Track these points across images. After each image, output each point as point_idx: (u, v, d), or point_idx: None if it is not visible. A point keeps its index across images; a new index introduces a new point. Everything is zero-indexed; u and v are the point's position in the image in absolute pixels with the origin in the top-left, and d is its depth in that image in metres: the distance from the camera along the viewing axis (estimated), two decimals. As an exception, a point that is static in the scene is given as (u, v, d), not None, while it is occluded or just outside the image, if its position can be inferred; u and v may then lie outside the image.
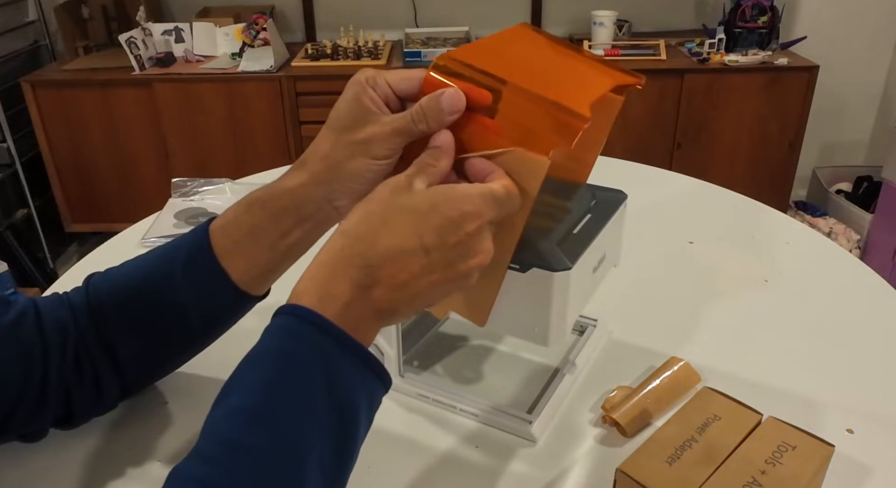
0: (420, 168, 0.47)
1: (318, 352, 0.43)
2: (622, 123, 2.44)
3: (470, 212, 0.44)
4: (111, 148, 2.52)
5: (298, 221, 0.55)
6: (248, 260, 0.57)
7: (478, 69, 0.50)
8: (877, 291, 0.85)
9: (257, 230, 0.56)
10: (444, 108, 0.48)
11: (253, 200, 0.56)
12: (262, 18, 2.45)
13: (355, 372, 0.43)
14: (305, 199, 0.54)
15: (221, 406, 0.42)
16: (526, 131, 0.47)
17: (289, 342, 0.43)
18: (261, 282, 0.59)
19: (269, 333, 0.44)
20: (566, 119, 0.46)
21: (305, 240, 0.57)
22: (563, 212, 0.61)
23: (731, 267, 0.91)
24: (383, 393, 0.46)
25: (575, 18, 2.72)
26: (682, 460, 0.51)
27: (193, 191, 1.14)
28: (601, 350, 0.75)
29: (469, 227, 0.44)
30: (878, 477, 0.59)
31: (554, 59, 0.56)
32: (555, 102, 0.47)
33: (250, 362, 0.44)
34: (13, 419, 0.56)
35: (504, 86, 0.49)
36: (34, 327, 0.57)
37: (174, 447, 0.63)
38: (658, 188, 1.14)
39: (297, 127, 2.48)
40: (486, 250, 0.46)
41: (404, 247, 0.44)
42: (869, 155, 2.85)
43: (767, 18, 2.41)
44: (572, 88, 0.50)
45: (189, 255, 0.58)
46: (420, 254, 0.44)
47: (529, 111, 0.48)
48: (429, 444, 0.63)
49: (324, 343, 0.43)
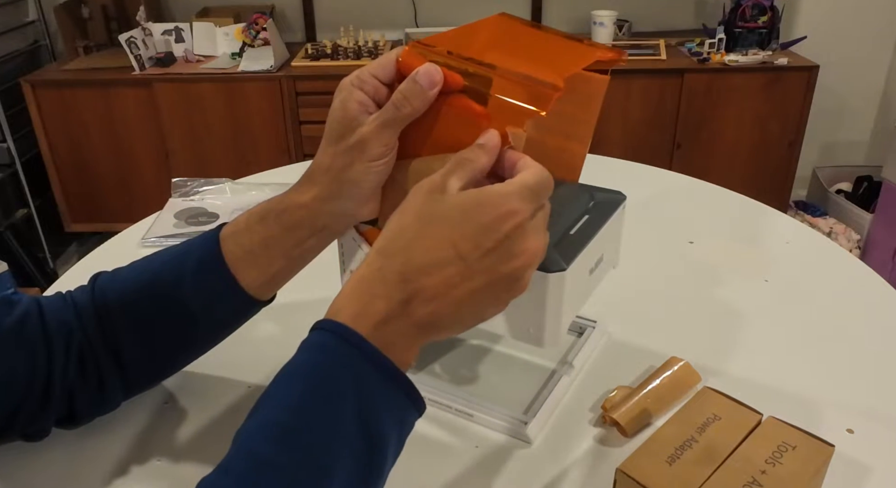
0: (458, 163, 0.45)
1: (350, 369, 0.42)
2: (622, 123, 2.45)
3: (504, 213, 0.42)
4: (111, 148, 2.52)
5: (313, 232, 0.55)
6: (260, 268, 0.57)
7: (465, 57, 0.49)
8: (877, 291, 0.85)
9: (271, 241, 0.56)
10: (423, 84, 0.48)
11: (267, 212, 0.56)
12: (262, 18, 2.45)
13: (386, 393, 0.43)
14: (319, 213, 0.54)
15: (253, 419, 0.42)
16: (510, 109, 0.47)
17: (322, 357, 0.43)
18: (270, 289, 0.60)
19: (305, 348, 0.44)
20: (540, 89, 0.46)
21: (318, 247, 0.57)
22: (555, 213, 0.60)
23: (730, 266, 0.91)
24: (416, 417, 0.45)
25: (575, 18, 2.72)
26: (682, 460, 0.51)
27: (193, 191, 1.14)
28: (601, 350, 0.75)
29: (506, 228, 0.42)
30: (878, 477, 0.58)
31: (532, 42, 0.56)
32: (528, 76, 0.47)
33: (284, 377, 0.43)
34: (17, 418, 0.56)
35: (492, 71, 0.48)
36: (38, 327, 0.57)
37: (175, 446, 0.63)
38: (658, 188, 1.14)
39: (297, 127, 2.48)
40: (530, 249, 0.44)
41: (438, 257, 0.42)
42: (869, 155, 2.85)
43: (767, 18, 2.41)
44: (550, 65, 0.50)
45: (199, 262, 0.58)
46: (456, 262, 0.42)
47: (512, 91, 0.48)
48: (426, 444, 0.63)
49: (356, 360, 0.42)
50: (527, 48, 0.55)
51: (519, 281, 0.44)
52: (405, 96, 0.48)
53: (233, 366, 0.72)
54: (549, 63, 0.51)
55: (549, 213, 0.46)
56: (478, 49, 0.51)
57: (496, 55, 0.50)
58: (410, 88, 0.48)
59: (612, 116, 2.44)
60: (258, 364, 0.72)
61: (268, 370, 0.72)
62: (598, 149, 0.69)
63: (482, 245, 0.42)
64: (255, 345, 0.74)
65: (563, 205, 0.61)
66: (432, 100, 0.49)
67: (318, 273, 0.64)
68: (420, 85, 0.48)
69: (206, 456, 0.62)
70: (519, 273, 0.44)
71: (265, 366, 0.72)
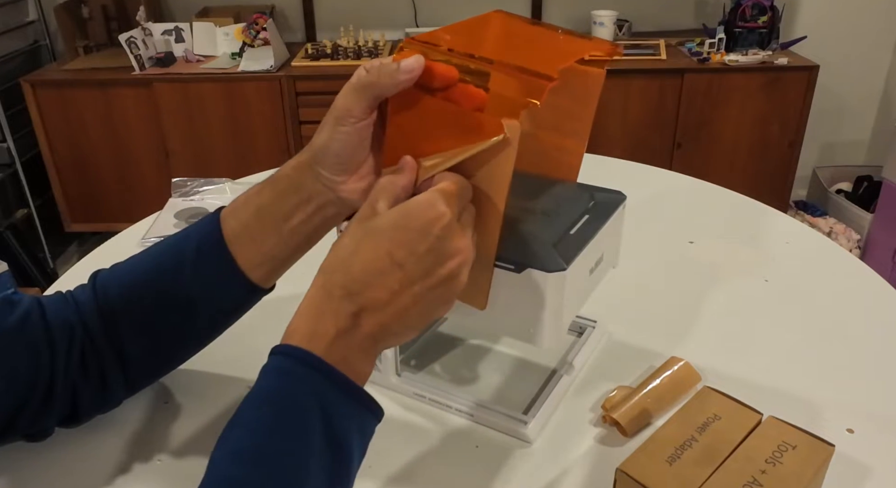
0: (380, 189, 0.48)
1: (310, 389, 0.44)
2: (622, 123, 2.45)
3: (432, 217, 0.45)
4: (111, 148, 2.52)
5: (300, 203, 0.56)
6: (255, 244, 0.57)
7: (459, 52, 0.50)
8: (877, 291, 0.85)
9: (263, 210, 0.57)
10: (401, 66, 0.48)
11: (264, 182, 0.57)
12: (262, 18, 2.45)
13: (346, 407, 0.45)
14: (303, 179, 0.55)
15: (222, 446, 0.44)
16: (505, 101, 0.48)
17: (282, 382, 0.45)
18: (267, 273, 0.59)
19: (265, 373, 0.46)
20: (534, 81, 0.47)
21: (308, 225, 0.57)
22: (555, 214, 0.60)
23: (731, 266, 0.91)
24: (375, 424, 0.47)
25: (575, 18, 2.72)
26: (682, 460, 0.51)
27: (193, 191, 1.14)
28: (601, 350, 0.75)
29: (436, 231, 0.45)
30: (878, 477, 0.58)
31: (528, 36, 0.56)
32: (522, 68, 0.47)
33: (250, 402, 0.45)
34: (20, 419, 0.56)
35: (487, 64, 0.49)
36: (40, 327, 0.57)
37: (175, 445, 0.63)
38: (658, 188, 1.14)
39: (297, 126, 2.47)
40: (461, 248, 0.46)
41: (377, 268, 0.45)
42: (869, 155, 2.85)
43: (767, 18, 2.41)
44: (544, 58, 0.50)
45: (199, 241, 0.59)
46: (394, 270, 0.45)
47: (506, 83, 0.48)
48: (426, 444, 0.63)
49: (316, 380, 0.44)
50: (522, 42, 0.56)
51: (455, 280, 0.47)
52: (378, 69, 0.49)
53: (232, 365, 0.72)
54: (543, 55, 0.51)
55: (474, 214, 0.49)
56: (474, 44, 0.51)
57: (491, 50, 0.50)
58: (387, 66, 0.49)
59: (612, 116, 2.44)
60: (257, 363, 0.72)
61: (268, 370, 0.72)
62: (598, 149, 0.70)
63: (416, 250, 0.45)
64: (254, 344, 0.73)
65: (563, 205, 0.61)
66: (401, 84, 0.49)
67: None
68: (396, 65, 0.49)
69: (206, 455, 0.61)
70: (455, 272, 0.46)
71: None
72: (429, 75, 0.49)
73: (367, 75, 0.50)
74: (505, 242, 0.52)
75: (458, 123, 0.49)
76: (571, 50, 0.54)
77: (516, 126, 0.46)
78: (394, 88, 0.50)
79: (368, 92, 0.50)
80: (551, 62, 0.48)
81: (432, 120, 0.50)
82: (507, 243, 0.52)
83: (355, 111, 0.51)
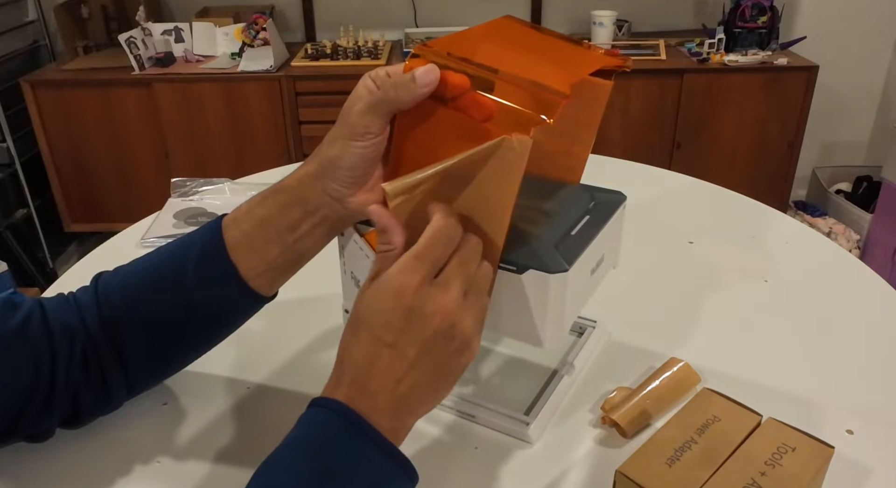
0: (378, 256, 0.47)
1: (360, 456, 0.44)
2: (622, 123, 2.45)
3: (395, 292, 0.45)
4: (111, 148, 2.52)
5: (305, 215, 0.55)
6: (257, 254, 0.57)
7: (470, 61, 0.49)
8: (877, 291, 0.85)
9: (267, 221, 0.56)
10: (417, 79, 0.48)
11: (266, 193, 0.57)
12: (262, 18, 2.44)
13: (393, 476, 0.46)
14: (309, 191, 0.54)
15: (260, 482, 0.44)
16: (516, 116, 0.47)
17: (324, 433, 0.45)
18: (269, 281, 0.59)
19: (310, 423, 0.46)
20: (547, 96, 0.46)
21: (313, 236, 0.57)
22: (556, 214, 0.60)
23: (730, 267, 0.91)
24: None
25: (575, 18, 2.72)
26: (681, 461, 0.51)
27: (193, 191, 1.14)
28: (601, 350, 0.75)
29: (405, 303, 0.45)
30: (877, 478, 0.59)
31: (538, 46, 0.56)
32: (535, 82, 0.47)
33: (295, 447, 0.45)
34: (21, 420, 0.56)
35: (496, 75, 0.48)
36: (41, 329, 0.56)
37: (176, 446, 0.63)
38: (658, 188, 1.14)
39: (296, 127, 2.48)
40: (442, 305, 0.45)
41: (371, 354, 0.45)
42: (869, 155, 2.85)
43: (767, 18, 2.41)
44: (556, 71, 0.50)
45: (202, 248, 0.58)
46: (386, 352, 0.45)
47: (518, 97, 0.47)
48: (427, 444, 0.63)
49: (359, 438, 0.45)
50: (533, 53, 0.55)
51: (454, 328, 0.46)
52: (394, 82, 0.49)
53: (233, 366, 0.72)
54: (555, 68, 0.51)
55: (455, 265, 0.47)
56: (482, 52, 0.51)
57: (501, 59, 0.50)
58: (402, 78, 0.49)
59: (612, 116, 2.44)
60: (258, 364, 0.72)
61: (267, 370, 0.72)
62: (598, 149, 0.70)
63: (395, 326, 0.45)
64: (254, 346, 0.74)
65: (564, 205, 0.61)
66: (419, 97, 0.49)
67: (318, 273, 0.64)
68: (412, 77, 0.48)
69: (207, 456, 0.62)
70: (445, 326, 0.46)
71: (265, 367, 0.72)
72: (441, 84, 0.49)
73: (382, 91, 0.49)
74: (506, 243, 0.52)
75: (466, 134, 0.48)
76: (582, 62, 0.53)
77: (527, 142, 0.46)
78: (411, 102, 0.49)
79: (384, 108, 0.50)
80: (563, 75, 0.48)
81: (441, 130, 0.50)
82: (508, 244, 0.52)
83: (373, 128, 0.51)
